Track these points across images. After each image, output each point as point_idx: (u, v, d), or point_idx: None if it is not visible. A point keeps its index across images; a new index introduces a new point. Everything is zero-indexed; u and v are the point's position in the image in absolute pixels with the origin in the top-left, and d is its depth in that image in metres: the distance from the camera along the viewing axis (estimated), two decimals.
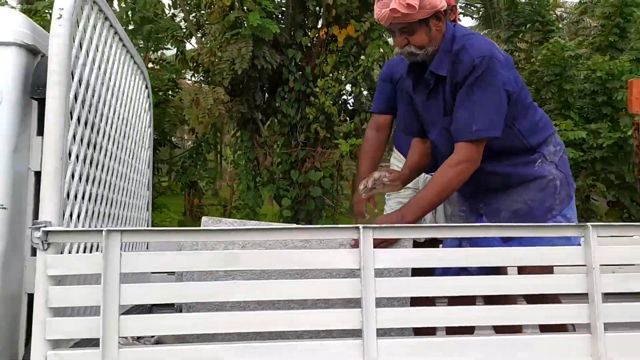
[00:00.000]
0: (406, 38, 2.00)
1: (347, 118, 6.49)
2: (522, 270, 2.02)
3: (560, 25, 9.68)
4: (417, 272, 2.01)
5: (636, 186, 6.98)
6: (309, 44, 6.53)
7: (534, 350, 1.69)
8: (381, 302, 1.59)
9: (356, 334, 1.57)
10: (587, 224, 1.69)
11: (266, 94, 6.72)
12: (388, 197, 2.64)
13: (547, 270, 1.94)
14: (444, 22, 2.02)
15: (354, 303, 1.59)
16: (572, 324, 1.90)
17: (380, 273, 1.61)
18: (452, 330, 1.95)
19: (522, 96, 2.03)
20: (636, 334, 1.69)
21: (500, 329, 1.91)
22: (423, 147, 2.22)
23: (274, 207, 7.79)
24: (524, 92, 2.04)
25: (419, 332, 1.91)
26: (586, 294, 1.72)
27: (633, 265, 1.89)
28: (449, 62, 1.98)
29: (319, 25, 6.48)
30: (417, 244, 2.25)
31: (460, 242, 2.13)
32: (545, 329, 1.92)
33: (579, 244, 2.02)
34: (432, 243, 2.37)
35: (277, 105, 6.56)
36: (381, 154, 2.68)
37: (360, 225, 1.58)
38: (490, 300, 2.04)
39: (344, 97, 6.69)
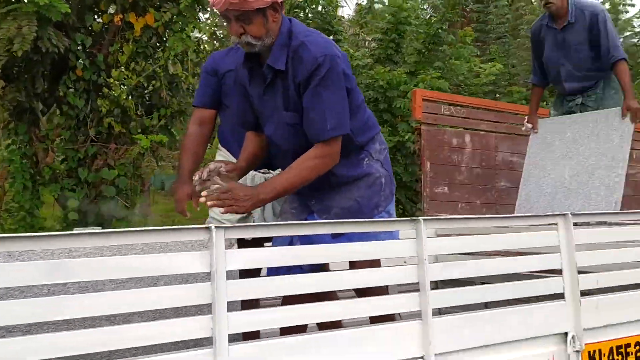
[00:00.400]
0: (242, 27, 1.94)
1: (144, 113, 6.09)
2: (352, 265, 2.09)
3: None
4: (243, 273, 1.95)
5: (411, 185, 7.87)
6: (101, 30, 5.96)
7: (371, 341, 1.76)
8: None
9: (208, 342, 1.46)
10: (419, 218, 1.82)
11: (46, 82, 5.94)
12: None
13: (376, 264, 2.04)
14: (281, 14, 2.01)
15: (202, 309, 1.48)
16: (399, 313, 2.03)
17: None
18: (286, 331, 1.93)
19: (355, 94, 2.11)
20: (459, 316, 1.87)
21: (321, 325, 1.94)
22: (258, 140, 2.18)
23: (56, 209, 6.95)
24: (356, 90, 2.13)
25: (248, 336, 1.85)
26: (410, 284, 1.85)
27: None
28: (286, 57, 1.98)
29: (112, 10, 5.96)
30: (244, 242, 2.19)
31: (291, 240, 2.13)
32: (374, 320, 2.01)
33: (398, 238, 2.18)
34: (257, 241, 2.33)
35: (61, 94, 5.85)
36: (204, 150, 2.57)
37: (213, 225, 1.46)
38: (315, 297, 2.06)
39: (142, 90, 6.25)
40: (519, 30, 13.14)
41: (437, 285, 3.14)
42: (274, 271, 1.96)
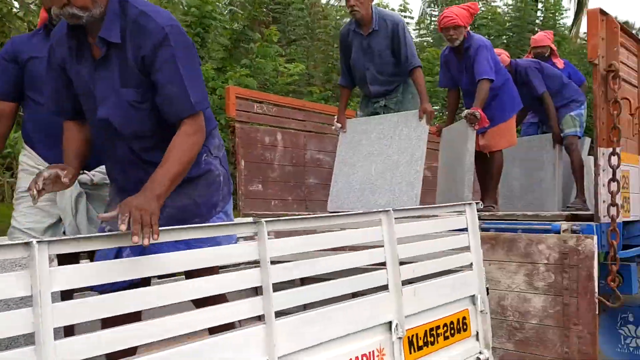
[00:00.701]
0: None
1: None
2: (190, 274, 1.95)
3: None
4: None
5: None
6: None
7: (214, 353, 1.66)
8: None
9: None
10: (262, 220, 1.77)
11: None
12: (17, 202, 2.16)
13: (215, 269, 1.94)
14: None
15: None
16: (239, 320, 1.95)
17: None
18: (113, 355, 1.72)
19: None
20: (298, 316, 1.86)
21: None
22: (82, 130, 1.93)
23: None
24: None
25: None
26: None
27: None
28: (120, 28, 1.79)
29: None
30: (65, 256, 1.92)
31: (119, 250, 1.91)
32: (214, 329, 1.90)
33: (236, 241, 2.11)
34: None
35: None
36: (1, 148, 2.19)
37: (34, 240, 1.23)
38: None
39: None
40: (317, 34, 13.84)
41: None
42: (100, 287, 1.74)
